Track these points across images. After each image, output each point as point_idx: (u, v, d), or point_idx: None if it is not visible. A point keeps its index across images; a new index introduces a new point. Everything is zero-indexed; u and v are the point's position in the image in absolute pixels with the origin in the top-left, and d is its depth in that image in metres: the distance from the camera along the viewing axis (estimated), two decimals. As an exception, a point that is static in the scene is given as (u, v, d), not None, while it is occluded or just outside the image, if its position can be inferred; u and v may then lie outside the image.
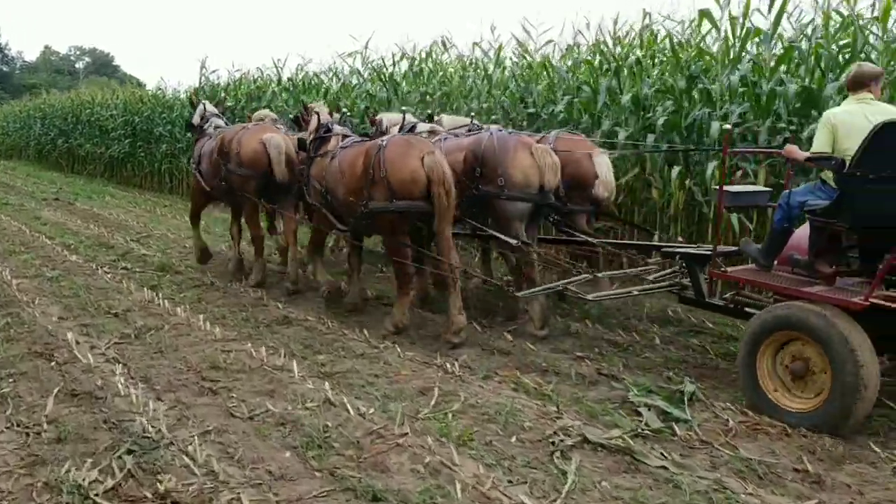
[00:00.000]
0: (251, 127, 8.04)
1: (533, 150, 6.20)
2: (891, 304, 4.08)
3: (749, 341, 4.50)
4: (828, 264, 4.61)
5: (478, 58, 11.17)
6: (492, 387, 4.97)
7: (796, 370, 4.32)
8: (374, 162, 5.90)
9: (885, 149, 4.06)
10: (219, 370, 5.25)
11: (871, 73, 4.60)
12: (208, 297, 7.58)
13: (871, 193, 4.13)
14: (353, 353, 5.71)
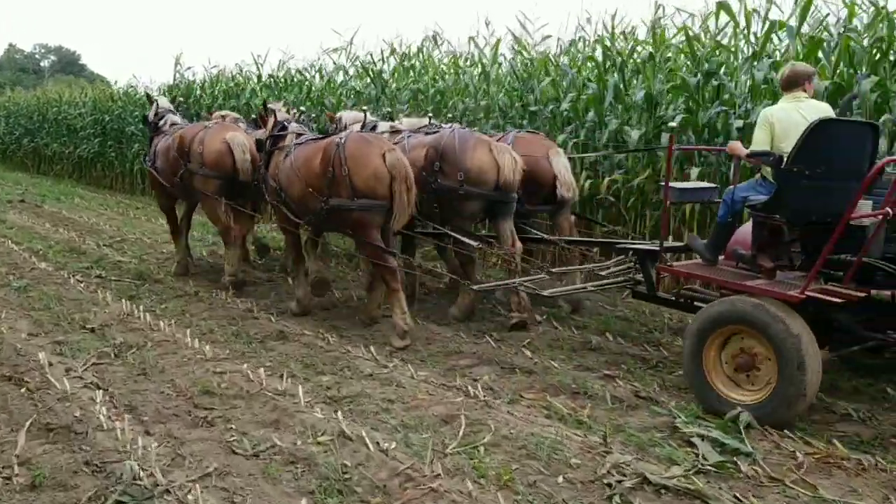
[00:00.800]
0: (212, 126, 7.84)
1: (492, 146, 6.30)
2: (826, 298, 4.18)
3: (694, 335, 4.53)
4: (769, 258, 4.70)
5: (474, 54, 10.64)
6: (521, 413, 4.46)
7: (742, 363, 4.38)
8: (335, 159, 5.86)
9: (820, 145, 4.21)
10: (212, 395, 4.67)
11: (804, 72, 4.78)
12: (192, 309, 6.98)
13: (807, 189, 4.28)
14: (361, 373, 5.17)
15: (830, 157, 4.27)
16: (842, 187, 4.24)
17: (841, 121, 4.55)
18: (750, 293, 4.43)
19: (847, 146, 4.40)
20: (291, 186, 6.33)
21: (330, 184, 5.90)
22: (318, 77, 13.34)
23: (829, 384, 4.90)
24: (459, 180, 6.18)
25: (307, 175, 6.10)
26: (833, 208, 4.20)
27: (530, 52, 9.96)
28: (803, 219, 4.49)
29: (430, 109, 10.25)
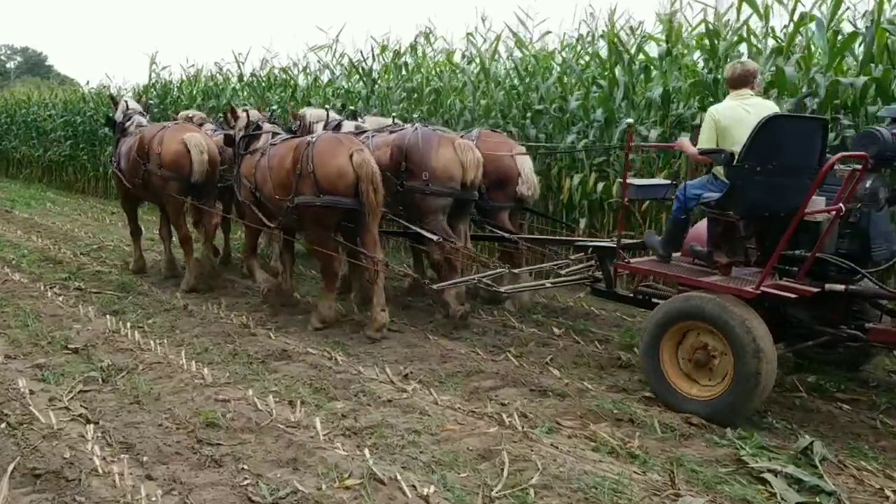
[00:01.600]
0: (171, 126, 7.81)
1: (456, 145, 6.35)
2: (780, 293, 4.22)
3: (650, 331, 4.57)
4: (724, 255, 4.76)
5: (471, 51, 10.18)
6: (565, 445, 4.01)
7: (698, 359, 4.39)
8: (303, 157, 5.94)
9: (770, 142, 4.29)
10: (218, 428, 4.17)
11: (751, 70, 4.81)
12: (182, 325, 6.45)
13: (759, 185, 4.35)
14: (377, 397, 4.69)
15: (781, 153, 4.35)
16: (793, 183, 4.33)
17: (790, 117, 4.58)
18: (705, 289, 4.47)
19: (797, 142, 4.47)
20: (265, 185, 6.41)
21: (297, 181, 5.99)
22: (303, 76, 12.78)
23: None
24: (425, 179, 6.24)
25: (278, 174, 6.20)
26: (785, 204, 4.31)
27: (529, 49, 9.52)
28: (756, 215, 4.57)
29: (425, 109, 9.82)
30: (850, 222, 4.45)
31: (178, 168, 7.38)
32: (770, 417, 4.45)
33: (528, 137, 8.50)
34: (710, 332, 4.32)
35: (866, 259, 4.47)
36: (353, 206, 5.94)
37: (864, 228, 4.46)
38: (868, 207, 4.35)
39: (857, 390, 4.99)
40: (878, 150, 4.08)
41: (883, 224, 4.59)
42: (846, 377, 5.18)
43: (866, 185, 4.24)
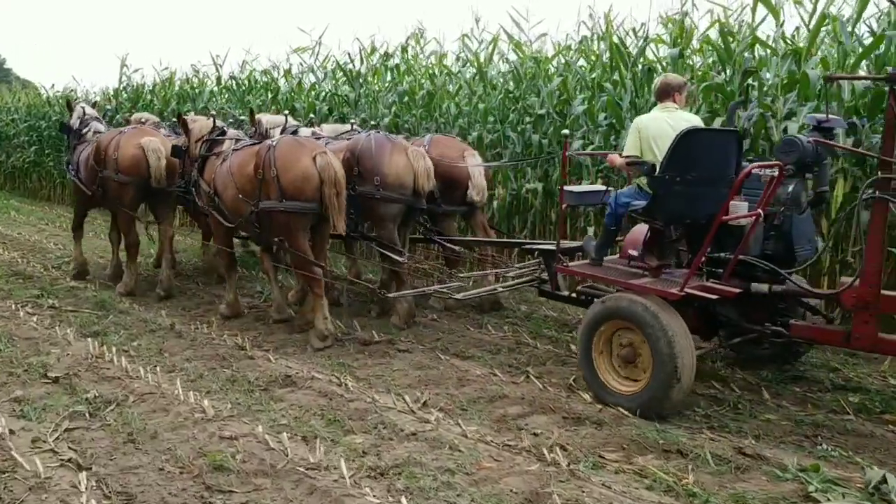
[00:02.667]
0: (128, 131, 7.79)
1: (408, 152, 6.41)
2: (703, 294, 4.48)
3: (586, 330, 4.77)
4: (655, 258, 4.93)
5: (465, 54, 9.80)
6: (616, 483, 3.64)
7: (625, 356, 4.62)
8: (265, 162, 5.87)
9: (688, 154, 4.51)
10: (227, 472, 3.73)
11: (675, 83, 5.05)
12: (171, 347, 5.98)
13: (680, 194, 4.56)
14: (399, 430, 4.28)
15: (698, 164, 4.57)
16: (712, 192, 4.55)
17: (706, 130, 4.81)
18: (634, 291, 4.67)
19: (713, 153, 4.67)
20: (226, 191, 6.31)
21: (260, 187, 5.90)
22: (285, 80, 12.29)
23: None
24: (376, 185, 6.28)
25: (240, 179, 6.11)
26: (705, 211, 4.54)
27: (526, 52, 9.17)
28: (678, 222, 4.83)
29: (418, 113, 9.44)
30: (775, 225, 4.75)
31: (136, 172, 7.36)
32: (824, 444, 4.14)
33: (530, 143, 8.17)
34: (633, 330, 4.54)
35: (791, 259, 4.76)
36: (317, 210, 5.87)
37: (787, 231, 4.73)
38: (791, 211, 4.66)
39: (903, 409, 4.72)
40: (797, 157, 4.46)
41: (806, 226, 4.88)
42: (891, 396, 4.90)
43: (788, 190, 4.60)
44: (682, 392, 4.38)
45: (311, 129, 7.70)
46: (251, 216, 6.05)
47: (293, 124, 7.59)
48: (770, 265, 4.61)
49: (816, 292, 4.87)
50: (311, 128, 7.88)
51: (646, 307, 4.44)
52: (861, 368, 5.51)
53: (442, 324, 6.73)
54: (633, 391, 4.58)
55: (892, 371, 5.43)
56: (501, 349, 5.94)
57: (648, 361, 4.46)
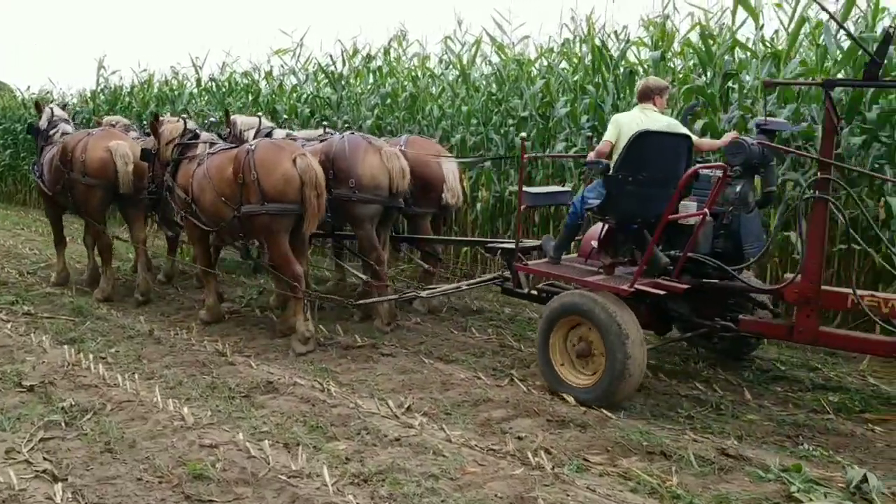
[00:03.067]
0: (96, 133, 7.66)
1: (382, 153, 6.39)
2: (651, 290, 4.64)
3: (543, 326, 4.92)
4: (608, 255, 5.13)
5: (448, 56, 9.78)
6: (600, 486, 3.62)
7: (580, 350, 4.78)
8: (245, 166, 5.83)
9: (640, 155, 4.66)
10: (208, 481, 3.67)
11: (655, 86, 5.17)
12: (150, 354, 5.90)
13: (632, 193, 4.71)
14: (382, 435, 4.24)
15: (650, 165, 4.70)
16: (661, 192, 4.64)
17: (659, 133, 4.82)
18: (588, 287, 4.85)
19: (664, 155, 4.80)
20: (203, 195, 6.21)
21: (241, 190, 5.86)
22: (266, 81, 12.21)
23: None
24: (351, 187, 6.27)
25: (219, 183, 6.03)
26: (654, 211, 4.67)
27: (509, 54, 9.17)
28: (630, 220, 4.95)
29: (402, 116, 9.41)
30: (724, 224, 4.95)
31: (104, 175, 7.24)
32: (805, 444, 4.15)
33: (513, 145, 8.16)
34: (587, 325, 4.70)
35: (739, 257, 4.95)
36: (299, 211, 5.86)
37: (735, 229, 4.94)
38: (739, 210, 4.87)
39: (880, 408, 4.75)
40: (744, 158, 4.71)
41: (754, 225, 5.09)
42: (870, 395, 4.93)
43: (736, 191, 4.80)
44: (632, 384, 4.56)
45: (286, 131, 7.65)
46: (233, 220, 5.99)
47: (267, 126, 7.53)
48: (718, 262, 4.77)
49: (760, 288, 5.02)
50: (285, 129, 7.87)
51: (599, 303, 4.60)
52: (841, 368, 5.55)
53: (426, 327, 6.70)
54: (587, 384, 4.73)
55: (871, 370, 5.47)
56: (485, 352, 5.92)
57: (601, 355, 4.61)
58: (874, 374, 5.40)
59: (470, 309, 7.29)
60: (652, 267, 4.76)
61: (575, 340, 4.84)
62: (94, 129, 8.00)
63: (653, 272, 4.78)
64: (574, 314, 4.77)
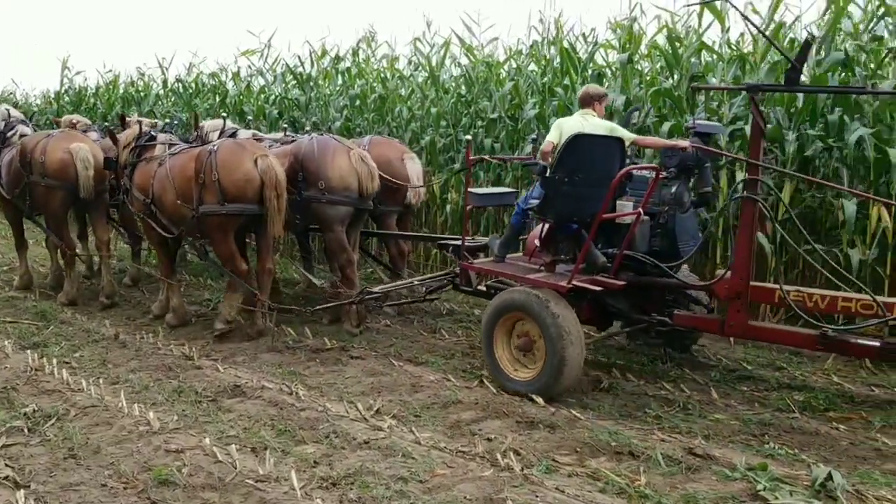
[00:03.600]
0: (56, 134, 7.52)
1: (351, 155, 6.40)
2: (588, 286, 4.83)
3: (488, 320, 5.07)
4: (549, 254, 5.25)
5: (417, 57, 9.78)
6: (569, 486, 3.63)
7: (522, 345, 4.94)
8: (206, 166, 5.85)
9: (575, 157, 4.79)
10: (173, 487, 3.62)
11: (595, 93, 5.37)
12: (116, 358, 5.82)
13: (568, 194, 4.85)
14: (351, 438, 4.21)
15: (585, 166, 4.83)
16: (596, 193, 4.79)
17: (592, 136, 4.96)
18: (529, 284, 5.00)
19: (598, 157, 4.92)
20: (164, 196, 6.20)
21: (200, 190, 5.87)
22: (234, 83, 12.11)
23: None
24: (321, 189, 6.27)
25: (180, 183, 6.05)
26: (591, 210, 4.83)
27: (478, 56, 9.19)
28: (567, 219, 5.08)
29: (371, 117, 9.39)
30: (661, 223, 5.19)
31: (64, 177, 7.11)
32: (771, 443, 4.20)
33: (482, 147, 8.18)
34: (528, 320, 4.84)
35: (675, 255, 5.14)
36: (258, 212, 5.92)
37: (671, 228, 5.15)
38: (675, 210, 5.10)
39: (844, 406, 4.82)
40: (679, 160, 4.99)
41: (689, 224, 5.29)
42: (834, 394, 5.00)
43: (672, 191, 5.08)
44: (571, 376, 4.74)
45: (251, 132, 7.64)
46: (192, 220, 5.99)
47: (231, 127, 7.49)
48: (653, 260, 4.98)
49: (693, 284, 5.18)
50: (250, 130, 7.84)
51: (539, 299, 4.75)
52: (806, 367, 5.63)
53: (395, 329, 6.68)
54: (529, 377, 4.88)
55: (836, 369, 5.55)
56: (455, 354, 5.92)
57: (542, 349, 4.76)
58: (838, 373, 5.48)
59: (440, 311, 7.28)
60: (589, 265, 4.95)
61: (518, 335, 4.98)
62: (54, 131, 7.86)
63: (591, 270, 4.97)
64: (516, 310, 4.91)
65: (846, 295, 4.63)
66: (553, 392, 4.75)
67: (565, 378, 4.70)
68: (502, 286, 5.58)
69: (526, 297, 4.84)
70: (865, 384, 5.27)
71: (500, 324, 5.02)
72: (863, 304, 4.49)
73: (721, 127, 5.52)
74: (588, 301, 5.18)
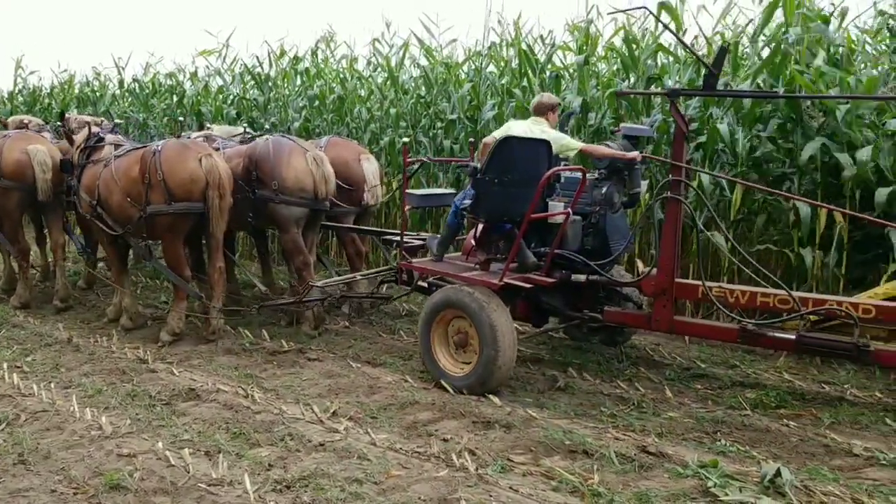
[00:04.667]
0: (12, 134, 7.45)
1: (307, 156, 6.39)
2: (518, 283, 4.97)
3: (425, 317, 5.19)
4: (484, 252, 5.35)
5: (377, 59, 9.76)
6: (523, 486, 3.66)
7: (458, 341, 5.07)
8: (151, 166, 5.87)
9: (505, 158, 4.93)
10: (125, 492, 3.57)
11: (548, 103, 5.53)
12: (68, 362, 5.73)
13: (498, 194, 4.98)
14: (306, 441, 4.20)
15: (514, 168, 4.94)
16: (526, 193, 4.88)
17: (521, 138, 5.08)
18: (464, 282, 5.13)
19: (527, 159, 5.02)
20: (110, 197, 6.17)
21: (147, 191, 5.87)
22: (191, 83, 11.96)
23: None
24: (274, 189, 6.26)
25: (126, 184, 6.03)
26: (521, 210, 4.92)
27: (437, 57, 9.21)
28: (498, 219, 5.18)
29: (329, 118, 9.35)
30: (593, 223, 5.35)
31: (21, 179, 7.01)
32: (723, 440, 4.27)
33: (442, 148, 8.20)
34: (463, 317, 4.96)
35: (606, 253, 5.31)
36: (202, 210, 5.93)
37: (602, 228, 5.33)
38: (605, 210, 5.28)
39: (795, 403, 4.92)
40: (608, 162, 5.20)
41: (620, 223, 5.46)
42: (785, 391, 5.10)
43: (602, 192, 5.27)
44: (504, 372, 4.86)
45: (204, 133, 7.60)
46: (140, 221, 5.98)
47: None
48: (582, 258, 5.16)
49: (622, 281, 5.36)
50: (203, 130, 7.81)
51: (473, 296, 4.87)
52: (758, 365, 5.73)
53: (354, 331, 6.66)
54: (463, 373, 5.00)
55: (787, 367, 5.66)
56: (413, 355, 5.91)
57: (476, 345, 4.87)
58: (790, 371, 5.59)
59: (399, 312, 7.27)
60: (521, 263, 5.07)
61: (454, 332, 5.09)
62: (9, 131, 7.72)
63: (522, 268, 5.08)
64: (451, 307, 5.03)
65: (765, 291, 4.80)
66: (486, 387, 4.86)
67: (498, 374, 4.82)
68: (443, 283, 5.67)
69: (460, 295, 4.95)
70: (816, 381, 5.38)
71: (437, 321, 5.13)
72: (780, 299, 4.71)
73: (648, 129, 5.67)
74: (522, 298, 5.34)
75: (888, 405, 4.81)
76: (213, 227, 5.97)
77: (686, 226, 5.83)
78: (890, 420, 4.54)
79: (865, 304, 4.52)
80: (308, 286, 6.30)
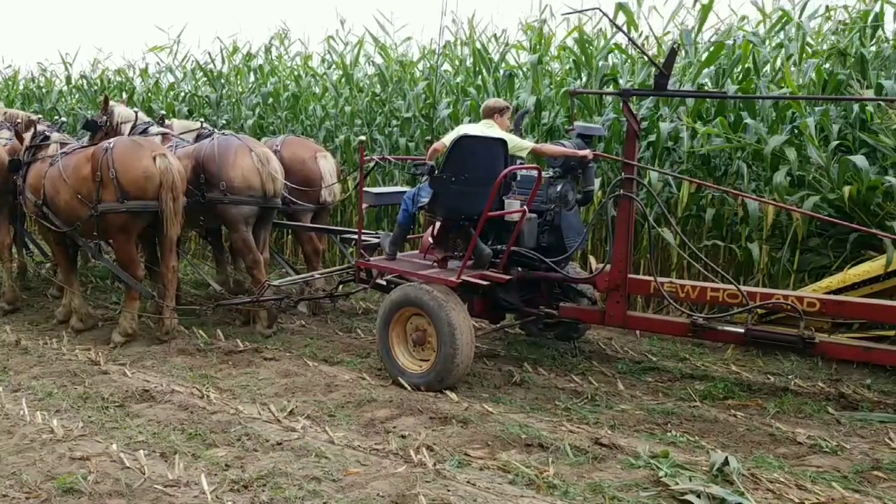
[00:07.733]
0: None
1: (253, 154, 6.38)
2: (476, 281, 5.01)
3: (383, 315, 5.21)
4: (441, 250, 5.43)
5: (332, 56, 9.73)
6: (480, 479, 3.71)
7: (416, 339, 5.11)
8: (102, 164, 5.79)
9: (461, 157, 5.00)
10: (78, 495, 3.53)
11: (496, 106, 5.55)
12: (17, 364, 5.63)
13: (455, 192, 5.03)
14: (263, 440, 4.19)
15: (470, 166, 5.02)
16: (482, 191, 4.96)
17: (478, 137, 5.17)
18: (421, 280, 5.18)
19: (483, 158, 5.10)
20: (58, 196, 6.08)
21: (98, 189, 5.80)
22: (141, 79, 11.77)
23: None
24: (222, 190, 6.26)
25: (76, 182, 5.94)
26: (477, 208, 4.99)
27: (392, 55, 9.22)
28: (455, 217, 5.24)
29: (284, 115, 9.30)
30: (548, 221, 5.44)
31: None
32: (673, 431, 4.39)
33: (397, 146, 8.22)
34: (421, 314, 5.00)
35: (562, 250, 5.40)
36: (156, 208, 5.87)
37: (558, 225, 5.41)
38: (560, 208, 5.37)
39: (742, 394, 5.07)
40: (563, 160, 5.30)
41: (574, 221, 5.55)
42: (733, 382, 5.24)
43: (557, 190, 5.37)
44: (462, 368, 4.91)
45: (162, 129, 7.43)
46: (90, 220, 5.89)
47: (144, 120, 7.29)
48: (538, 255, 5.26)
49: (576, 278, 5.48)
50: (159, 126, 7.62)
51: (431, 294, 4.91)
52: (707, 358, 5.89)
53: (310, 329, 6.65)
54: (421, 370, 5.04)
55: (734, 359, 5.83)
56: (370, 353, 5.93)
57: (435, 343, 4.92)
58: (737, 363, 5.75)
59: (356, 310, 7.28)
60: (478, 260, 5.11)
61: (412, 330, 5.14)
62: None
63: (479, 265, 5.13)
64: (409, 305, 5.06)
65: (714, 285, 4.96)
66: (445, 384, 4.91)
67: (456, 370, 4.87)
68: (401, 280, 5.71)
69: (419, 293, 4.98)
70: (762, 373, 5.54)
71: (396, 319, 5.16)
72: (729, 293, 4.85)
73: (600, 128, 5.81)
74: (480, 295, 5.44)
75: (830, 395, 4.99)
76: (168, 227, 5.90)
77: (638, 223, 5.95)
78: (832, 409, 4.71)
79: (810, 297, 4.69)
80: (264, 285, 6.26)
